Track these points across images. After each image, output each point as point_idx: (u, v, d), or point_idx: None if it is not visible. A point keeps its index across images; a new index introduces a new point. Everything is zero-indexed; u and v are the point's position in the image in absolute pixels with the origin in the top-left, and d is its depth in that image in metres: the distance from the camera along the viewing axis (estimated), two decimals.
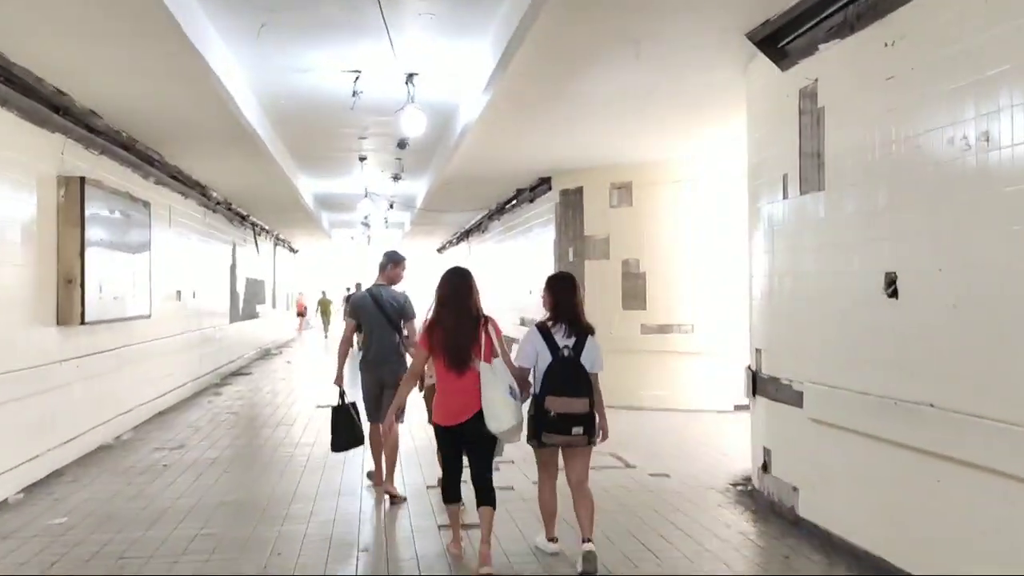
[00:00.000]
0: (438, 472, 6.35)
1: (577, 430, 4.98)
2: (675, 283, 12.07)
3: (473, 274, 5.46)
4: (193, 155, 11.77)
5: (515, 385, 4.94)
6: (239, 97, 8.64)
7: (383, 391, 6.89)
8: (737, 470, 7.97)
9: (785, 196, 6.08)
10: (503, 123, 9.83)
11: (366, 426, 7.09)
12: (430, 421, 5.48)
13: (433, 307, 5.22)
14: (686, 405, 11.86)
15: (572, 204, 13.15)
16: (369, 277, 8.42)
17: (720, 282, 11.89)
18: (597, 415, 5.15)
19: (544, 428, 4.97)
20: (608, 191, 12.55)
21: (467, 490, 5.43)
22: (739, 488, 7.24)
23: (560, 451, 5.24)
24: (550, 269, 13.91)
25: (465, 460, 5.30)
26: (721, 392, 11.83)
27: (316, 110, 10.25)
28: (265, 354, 23.32)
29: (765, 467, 6.50)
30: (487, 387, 4.85)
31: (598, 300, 12.42)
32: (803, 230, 5.85)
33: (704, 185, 11.92)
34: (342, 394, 6.83)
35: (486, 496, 5.10)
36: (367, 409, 7.12)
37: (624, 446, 8.99)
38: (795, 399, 5.87)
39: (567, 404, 4.93)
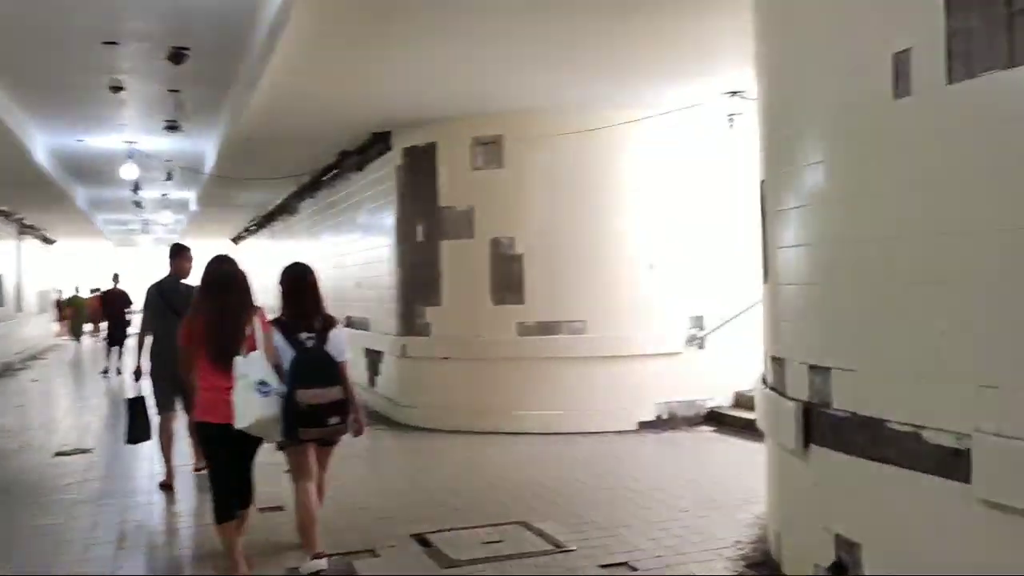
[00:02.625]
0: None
1: (334, 420, 4.82)
2: (561, 268, 9.28)
3: (237, 258, 5.31)
4: None
5: (272, 380, 4.64)
6: None
7: (173, 382, 6.65)
8: (734, 546, 5.25)
9: (905, 91, 3.36)
10: (313, 50, 6.75)
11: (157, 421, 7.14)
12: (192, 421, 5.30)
13: (196, 296, 5.14)
14: (578, 426, 9.13)
15: (421, 167, 10.04)
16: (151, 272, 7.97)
17: (621, 263, 9.25)
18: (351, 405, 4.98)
19: (298, 423, 4.73)
20: (470, 149, 9.56)
21: None
22: None
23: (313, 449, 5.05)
24: (388, 255, 10.74)
25: None
26: (622, 408, 9.21)
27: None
28: (5, 370, 18.32)
29: (840, 569, 3.78)
30: (237, 380, 4.60)
31: (458, 293, 9.44)
32: (973, 144, 3.14)
33: (610, 140, 9.18)
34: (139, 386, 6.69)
35: (247, 498, 4.93)
36: (157, 401, 7.16)
37: (530, 505, 6.19)
38: (936, 461, 3.18)
39: (319, 395, 4.75)
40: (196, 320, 4.90)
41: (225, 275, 5.01)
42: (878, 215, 3.45)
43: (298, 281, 5.13)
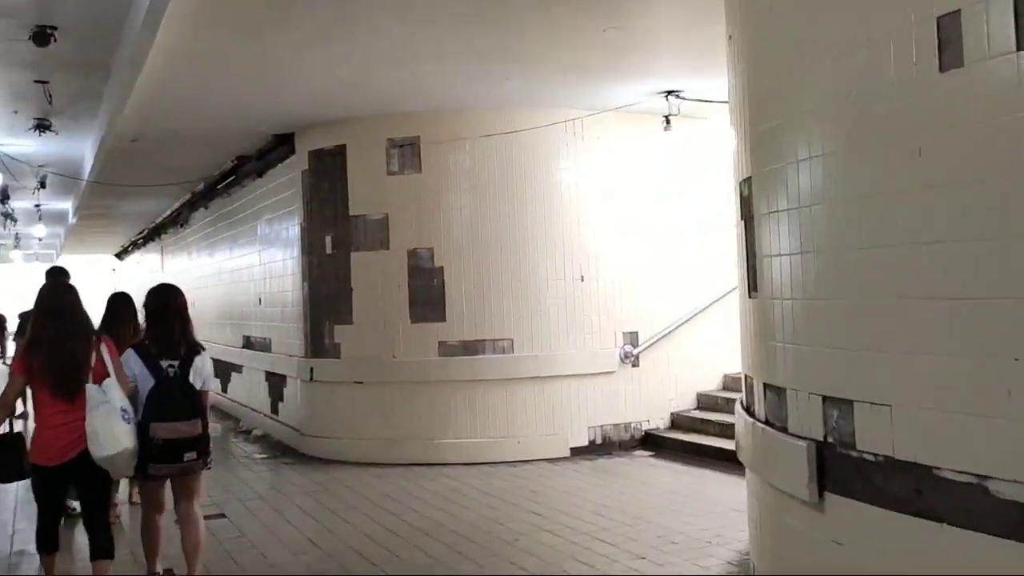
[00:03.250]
0: None
1: (190, 455, 4.58)
2: (486, 282, 8.50)
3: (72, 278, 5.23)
4: None
5: (129, 408, 4.39)
6: None
7: None
8: None
9: (954, 62, 2.73)
10: (201, 37, 5.92)
11: None
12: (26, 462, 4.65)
13: (32, 323, 4.70)
14: (507, 454, 8.35)
15: (328, 172, 9.10)
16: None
17: (551, 276, 8.55)
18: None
19: (150, 459, 4.49)
20: (384, 152, 8.69)
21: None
22: None
23: (169, 481, 4.80)
24: (293, 269, 9.75)
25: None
26: (553, 434, 8.49)
27: None
28: None
29: None
30: (91, 411, 4.30)
31: (372, 310, 8.57)
32: None
33: (538, 142, 8.47)
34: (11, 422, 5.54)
35: (104, 546, 4.57)
36: None
37: (456, 552, 5.38)
38: (1007, 521, 2.53)
39: (174, 429, 4.53)
40: (35, 351, 4.52)
41: (59, 300, 4.74)
42: (928, 213, 2.80)
43: (163, 304, 4.84)
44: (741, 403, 4.45)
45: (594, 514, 6.26)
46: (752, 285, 3.99)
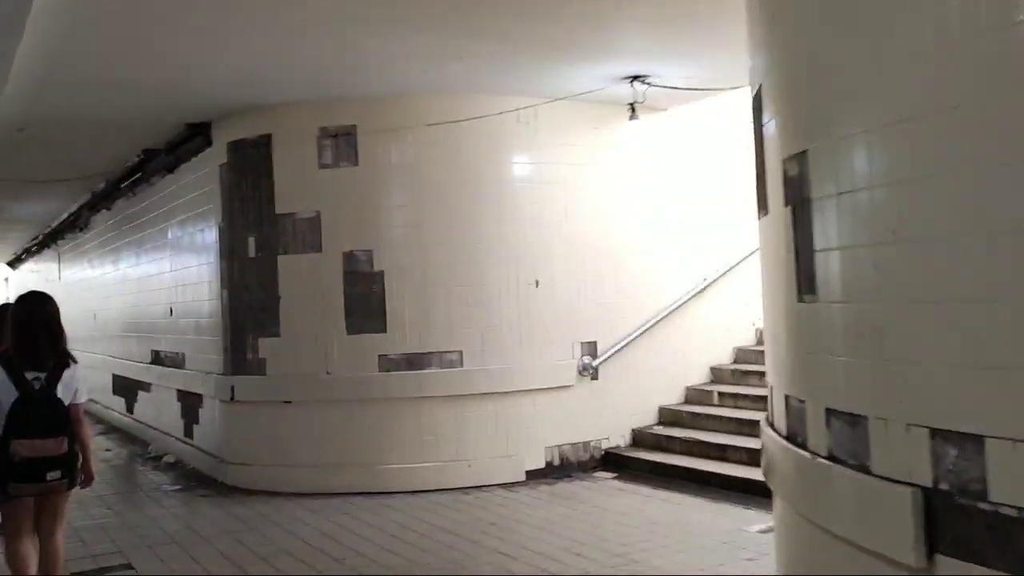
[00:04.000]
0: None
1: (53, 475, 4.37)
2: (432, 288, 7.63)
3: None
4: None
5: None
6: None
7: None
8: None
9: None
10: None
11: None
12: None
13: None
14: (457, 480, 7.49)
15: (251, 166, 8.07)
16: None
17: (503, 281, 7.73)
18: (81, 454, 4.54)
19: (11, 477, 4.29)
20: (316, 142, 7.72)
21: None
22: None
23: (34, 500, 4.52)
24: (210, 276, 8.70)
25: None
26: (507, 456, 7.67)
27: None
28: None
29: None
30: None
31: (302, 320, 7.61)
32: None
33: (489, 133, 7.64)
34: None
35: None
36: None
37: None
38: None
39: (37, 447, 4.32)
40: None
41: None
42: None
43: (31, 312, 4.60)
44: (773, 425, 3.74)
45: (571, 553, 5.46)
46: (804, 286, 3.24)
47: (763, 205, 3.74)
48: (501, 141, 7.76)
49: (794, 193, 3.31)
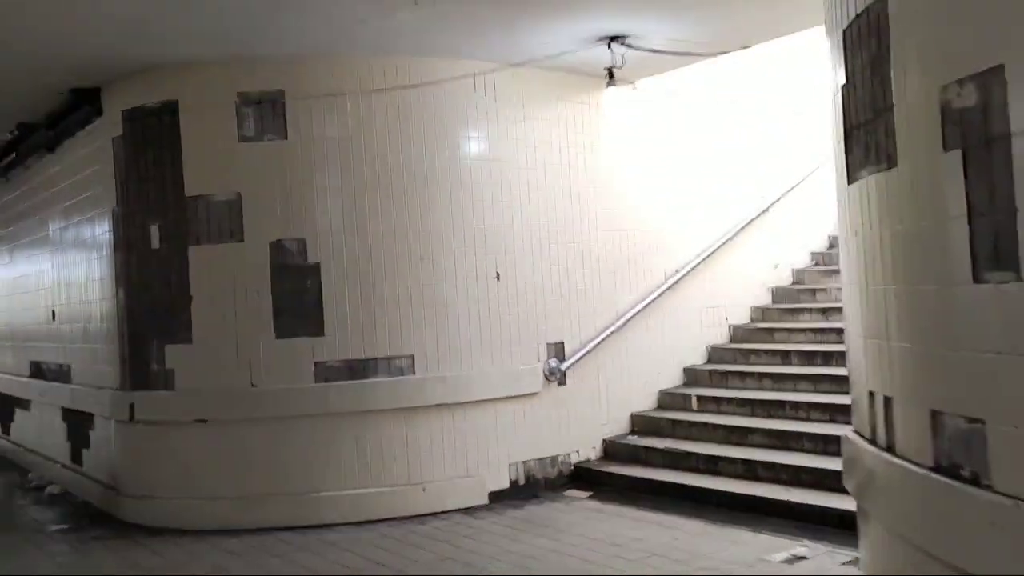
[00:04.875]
0: None
1: None
2: (377, 282, 6.49)
3: None
4: None
5: None
6: None
7: None
8: None
9: None
10: None
11: None
12: None
13: None
14: (410, 507, 6.38)
15: (153, 138, 6.72)
16: None
17: (459, 273, 6.68)
18: None
19: None
20: (235, 110, 6.46)
21: None
22: None
23: None
24: (102, 272, 7.38)
25: None
26: (467, 476, 6.62)
27: None
28: None
29: None
30: None
31: (220, 323, 6.41)
32: None
33: (442, 101, 6.58)
34: None
35: None
36: None
37: None
38: None
39: None
40: None
41: None
42: None
43: None
44: (870, 439, 2.87)
45: None
46: (986, 262, 2.32)
47: (873, 160, 2.81)
48: (456, 113, 6.70)
49: (969, 131, 2.38)
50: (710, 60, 7.05)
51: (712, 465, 6.46)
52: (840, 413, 6.30)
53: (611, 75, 6.46)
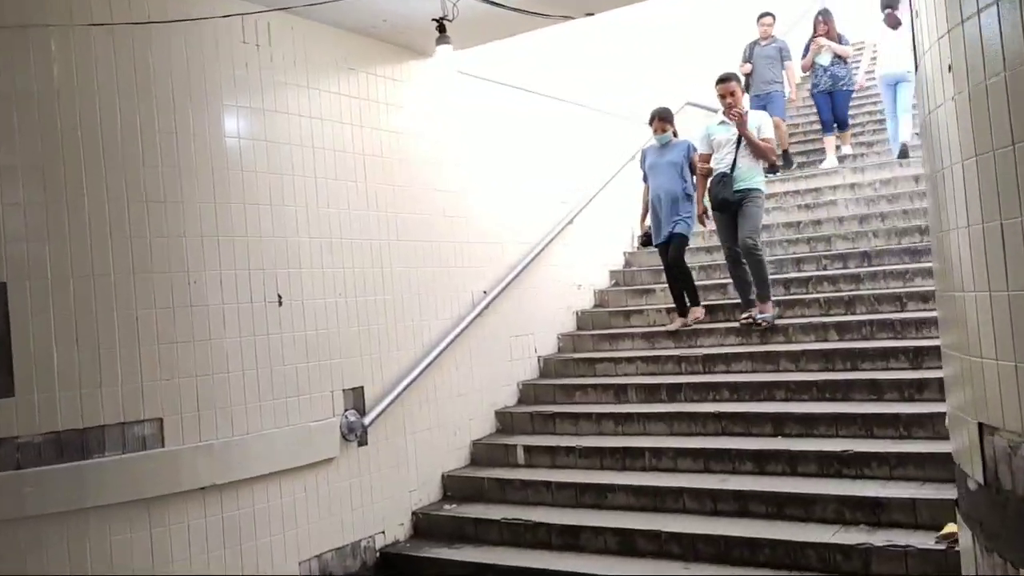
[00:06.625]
0: None
1: None
2: (102, 309, 4.30)
3: None
4: None
5: None
6: None
7: None
8: None
9: None
10: None
11: None
12: None
13: None
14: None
15: None
16: None
17: (224, 298, 4.73)
18: None
19: None
20: None
21: None
22: None
23: None
24: None
25: None
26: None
27: None
28: None
29: None
30: None
31: None
32: None
33: (187, 54, 4.61)
34: None
35: None
36: None
37: None
38: None
39: None
40: None
41: None
42: None
43: None
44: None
45: None
46: None
47: None
48: (218, 70, 4.74)
49: None
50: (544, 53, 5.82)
51: (572, 539, 5.04)
52: (714, 460, 5.26)
53: (442, 29, 4.91)
